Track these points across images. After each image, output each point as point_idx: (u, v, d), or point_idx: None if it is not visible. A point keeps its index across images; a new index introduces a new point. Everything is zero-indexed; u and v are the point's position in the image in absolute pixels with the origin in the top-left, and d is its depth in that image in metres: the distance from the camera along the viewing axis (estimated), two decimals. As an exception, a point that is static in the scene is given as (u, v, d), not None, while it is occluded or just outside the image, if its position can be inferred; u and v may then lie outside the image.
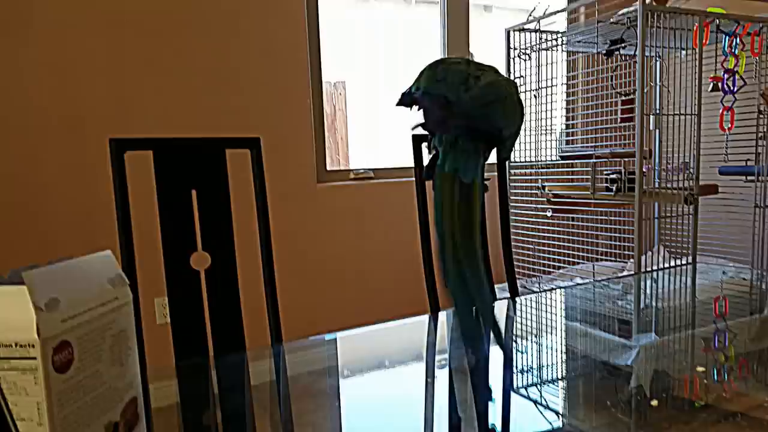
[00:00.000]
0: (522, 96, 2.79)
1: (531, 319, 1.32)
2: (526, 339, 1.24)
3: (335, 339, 1.33)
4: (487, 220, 1.47)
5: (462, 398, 0.97)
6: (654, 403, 0.90)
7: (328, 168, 2.76)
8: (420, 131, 1.50)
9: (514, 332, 1.31)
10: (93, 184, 2.00)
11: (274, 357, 1.16)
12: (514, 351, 1.19)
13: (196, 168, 1.16)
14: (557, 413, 0.86)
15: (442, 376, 1.08)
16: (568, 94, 2.88)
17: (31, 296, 0.49)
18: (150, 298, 1.12)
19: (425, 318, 1.41)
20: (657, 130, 2.63)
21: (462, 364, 1.10)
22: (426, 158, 1.49)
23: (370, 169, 2.86)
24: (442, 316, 1.40)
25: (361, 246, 2.69)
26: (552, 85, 2.66)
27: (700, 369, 0.96)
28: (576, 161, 2.68)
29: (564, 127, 3.00)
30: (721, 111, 2.40)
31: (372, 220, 2.71)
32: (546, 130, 2.75)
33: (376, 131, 3.24)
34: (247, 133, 2.40)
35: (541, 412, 0.88)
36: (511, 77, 2.79)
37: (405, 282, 2.63)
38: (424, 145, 1.43)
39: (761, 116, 2.54)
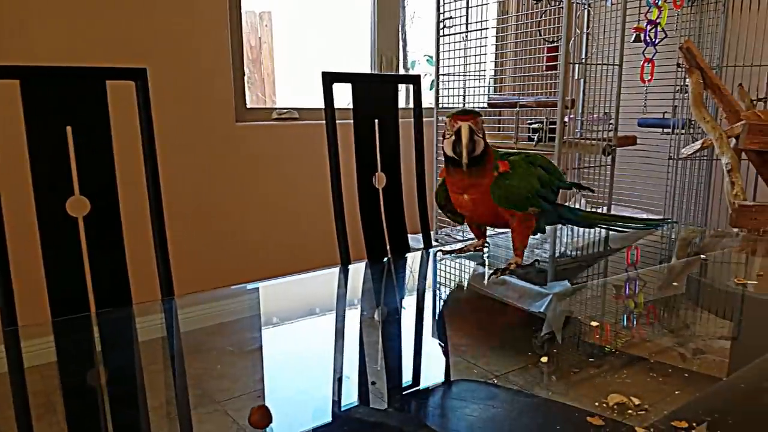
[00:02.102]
0: (448, 38, 2.69)
1: (448, 272, 1.30)
2: (440, 290, 1.22)
3: (243, 291, 1.25)
4: (409, 162, 1.41)
5: (373, 350, 0.93)
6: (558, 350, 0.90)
7: (249, 106, 2.59)
8: (332, 68, 1.39)
9: (427, 283, 1.28)
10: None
11: (165, 312, 1.07)
12: (427, 302, 1.16)
13: (72, 101, 1.01)
14: (469, 361, 0.84)
15: (353, 328, 1.03)
16: (497, 39, 2.80)
17: None
18: (24, 248, 0.99)
19: (336, 270, 1.35)
20: (582, 80, 2.61)
21: (372, 316, 1.06)
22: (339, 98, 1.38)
23: (294, 109, 2.70)
24: (353, 268, 1.35)
25: (279, 191, 2.57)
26: (483, 28, 2.56)
27: (593, 323, 0.98)
28: (502, 109, 2.64)
29: (493, 73, 2.93)
30: (642, 62, 2.40)
31: (293, 164, 2.59)
32: (475, 75, 2.67)
33: (304, 68, 3.06)
34: (154, 66, 2.19)
35: (454, 359, 0.86)
36: (440, 18, 2.67)
37: (325, 233, 2.56)
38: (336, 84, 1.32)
39: (679, 69, 2.56)
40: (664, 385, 0.75)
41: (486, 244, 1.35)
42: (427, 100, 3.00)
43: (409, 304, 1.14)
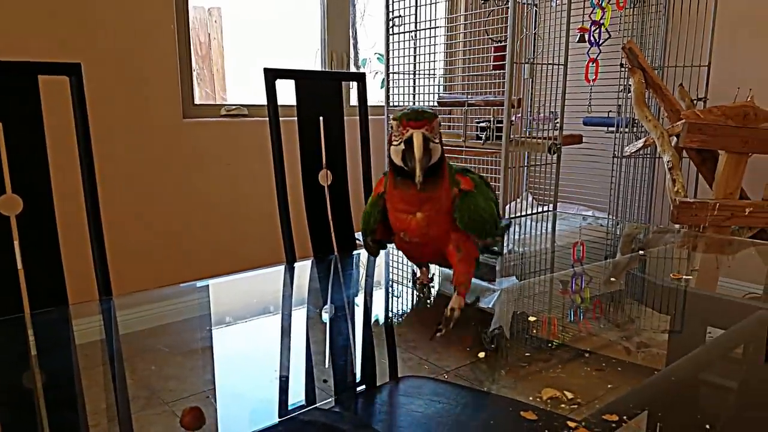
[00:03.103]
0: (398, 37, 2.73)
1: (400, 268, 1.32)
2: (390, 286, 1.24)
3: (187, 290, 1.24)
4: (353, 160, 1.43)
5: (320, 348, 0.94)
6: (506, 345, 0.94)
7: (197, 102, 2.56)
8: (273, 65, 1.39)
9: (373, 281, 1.30)
10: None
11: (102, 312, 1.06)
12: (376, 299, 1.18)
13: (2, 97, 0.99)
14: (421, 357, 0.86)
15: (300, 326, 1.04)
16: (447, 38, 2.86)
17: None
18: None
19: (281, 268, 1.36)
20: (530, 80, 2.69)
21: (319, 314, 1.07)
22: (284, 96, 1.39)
23: (244, 105, 2.69)
24: (299, 266, 1.36)
25: (226, 189, 2.55)
26: (432, 27, 2.61)
27: (532, 318, 1.01)
28: (452, 107, 2.70)
29: (443, 72, 2.99)
30: (586, 62, 2.50)
31: (241, 161, 2.58)
32: (425, 73, 2.72)
33: (254, 64, 3.04)
34: (94, 62, 2.13)
35: (405, 356, 0.88)
36: (390, 16, 2.71)
37: (271, 231, 2.56)
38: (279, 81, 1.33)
39: (623, 69, 2.67)
40: (597, 380, 0.78)
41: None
42: (379, 98, 3.03)
43: (357, 301, 1.15)
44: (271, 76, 1.29)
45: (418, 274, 1.13)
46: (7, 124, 0.98)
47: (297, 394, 0.77)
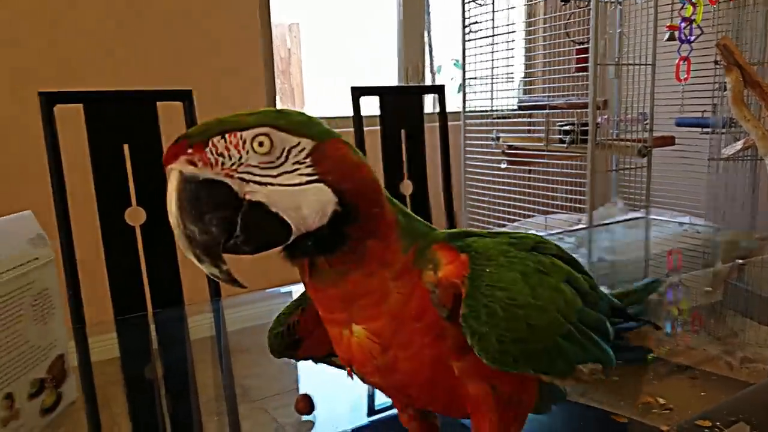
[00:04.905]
0: (475, 43, 2.81)
1: None
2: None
3: (288, 293, 1.38)
4: (434, 168, 1.53)
5: None
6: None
7: (279, 116, 2.75)
8: (360, 83, 1.52)
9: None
10: (19, 139, 1.97)
11: (214, 312, 1.22)
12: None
13: (128, 122, 1.17)
14: None
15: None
16: (527, 42, 2.92)
17: (-53, 258, 0.53)
18: (90, 254, 1.15)
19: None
20: (617, 80, 2.70)
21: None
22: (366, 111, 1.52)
23: (323, 118, 2.86)
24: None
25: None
26: (510, 32, 2.69)
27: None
28: (533, 111, 2.75)
29: (522, 75, 3.04)
30: (677, 61, 2.49)
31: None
32: (503, 78, 2.79)
33: (332, 77, 3.21)
34: (194, 81, 2.36)
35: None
36: (465, 23, 2.80)
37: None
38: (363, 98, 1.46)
39: (717, 67, 2.63)
40: (692, 389, 0.78)
41: None
42: (456, 103, 3.13)
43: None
44: (357, 93, 1.43)
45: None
46: (132, 145, 1.17)
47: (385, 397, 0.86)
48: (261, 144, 0.41)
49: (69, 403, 0.70)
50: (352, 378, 0.51)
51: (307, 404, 0.77)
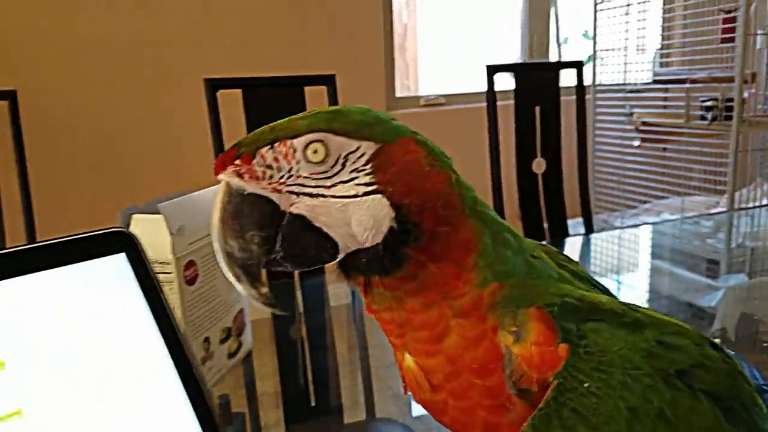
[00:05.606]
0: (607, 13, 2.72)
1: (609, 257, 1.39)
2: (602, 278, 1.33)
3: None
4: (565, 146, 1.54)
5: None
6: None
7: (398, 95, 2.82)
8: (494, 61, 1.55)
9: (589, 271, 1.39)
10: (172, 123, 2.23)
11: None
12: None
13: (279, 105, 1.30)
14: None
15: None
16: (664, 11, 2.78)
17: (166, 223, 0.65)
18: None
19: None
20: (767, 51, 2.51)
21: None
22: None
23: (441, 95, 2.90)
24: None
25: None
26: (645, 1, 2.57)
27: None
28: (670, 86, 2.63)
29: (659, 47, 2.90)
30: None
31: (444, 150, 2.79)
32: (637, 49, 2.68)
33: (448, 51, 3.22)
34: (318, 62, 2.50)
35: None
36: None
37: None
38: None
39: None
40: None
41: None
42: (585, 76, 3.04)
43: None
44: (492, 70, 1.47)
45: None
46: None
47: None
48: (315, 152, 0.37)
49: (247, 350, 0.83)
50: (405, 394, 0.43)
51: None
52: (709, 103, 2.28)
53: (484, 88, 1.48)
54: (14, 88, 1.25)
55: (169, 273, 0.66)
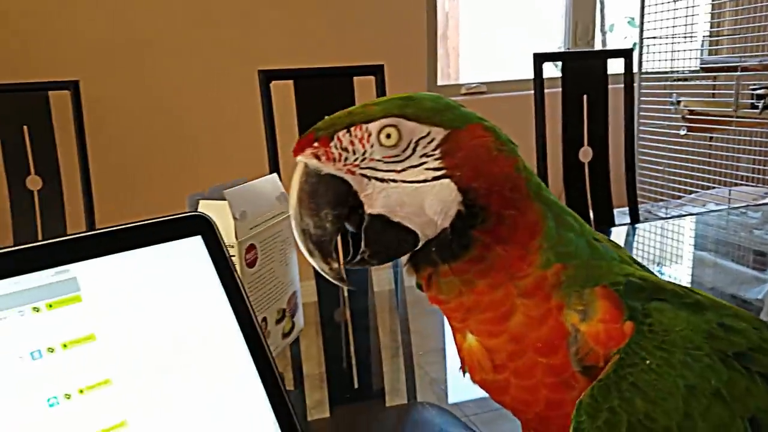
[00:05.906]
0: None
1: (653, 248, 1.39)
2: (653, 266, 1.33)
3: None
4: (610, 135, 1.53)
5: None
6: None
7: (439, 83, 2.84)
8: (542, 49, 1.55)
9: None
10: (228, 113, 2.30)
11: (392, 267, 1.37)
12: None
13: (329, 95, 1.34)
14: None
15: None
16: (714, -5, 2.71)
17: (230, 209, 0.70)
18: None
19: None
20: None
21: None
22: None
23: (482, 83, 2.90)
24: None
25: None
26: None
27: None
28: (719, 73, 2.57)
29: (708, 33, 2.84)
30: None
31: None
32: (684, 36, 2.63)
33: (489, 38, 3.21)
34: (360, 52, 2.52)
35: None
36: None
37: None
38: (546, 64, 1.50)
39: None
40: None
41: None
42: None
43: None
44: (540, 59, 1.48)
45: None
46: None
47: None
48: (388, 136, 0.39)
49: (299, 330, 0.87)
50: (463, 375, 0.45)
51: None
52: (760, 92, 2.23)
53: (525, 75, 1.49)
54: (77, 79, 1.32)
55: (232, 256, 0.70)
